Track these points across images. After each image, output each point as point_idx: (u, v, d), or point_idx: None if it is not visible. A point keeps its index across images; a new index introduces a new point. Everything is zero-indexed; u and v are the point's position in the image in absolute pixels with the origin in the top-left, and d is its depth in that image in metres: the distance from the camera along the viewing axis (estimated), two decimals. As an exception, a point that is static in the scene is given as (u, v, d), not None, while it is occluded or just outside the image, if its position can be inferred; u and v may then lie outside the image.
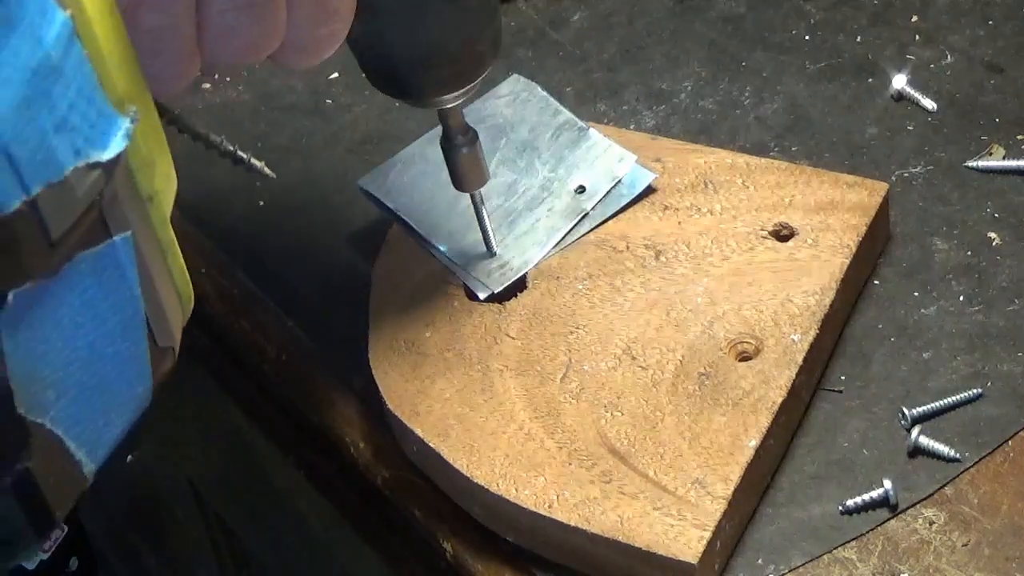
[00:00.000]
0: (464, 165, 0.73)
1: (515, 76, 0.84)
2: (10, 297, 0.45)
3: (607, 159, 0.79)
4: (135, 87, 0.50)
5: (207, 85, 0.92)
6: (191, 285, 0.55)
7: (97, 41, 0.47)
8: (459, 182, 0.74)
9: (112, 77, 0.48)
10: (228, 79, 0.92)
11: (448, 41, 0.67)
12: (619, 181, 0.78)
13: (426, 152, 0.81)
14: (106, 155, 0.47)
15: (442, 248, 0.77)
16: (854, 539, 0.68)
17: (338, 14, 0.60)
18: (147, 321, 0.51)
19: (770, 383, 0.71)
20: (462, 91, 0.70)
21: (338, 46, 0.62)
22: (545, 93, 0.83)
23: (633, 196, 0.78)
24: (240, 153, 0.71)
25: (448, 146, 0.73)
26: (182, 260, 0.54)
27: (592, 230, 0.78)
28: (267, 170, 0.71)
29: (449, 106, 0.71)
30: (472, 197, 0.75)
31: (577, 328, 0.74)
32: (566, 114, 0.81)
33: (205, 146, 0.70)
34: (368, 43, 0.65)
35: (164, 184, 0.53)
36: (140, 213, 0.50)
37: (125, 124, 0.48)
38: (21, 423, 0.47)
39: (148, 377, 0.52)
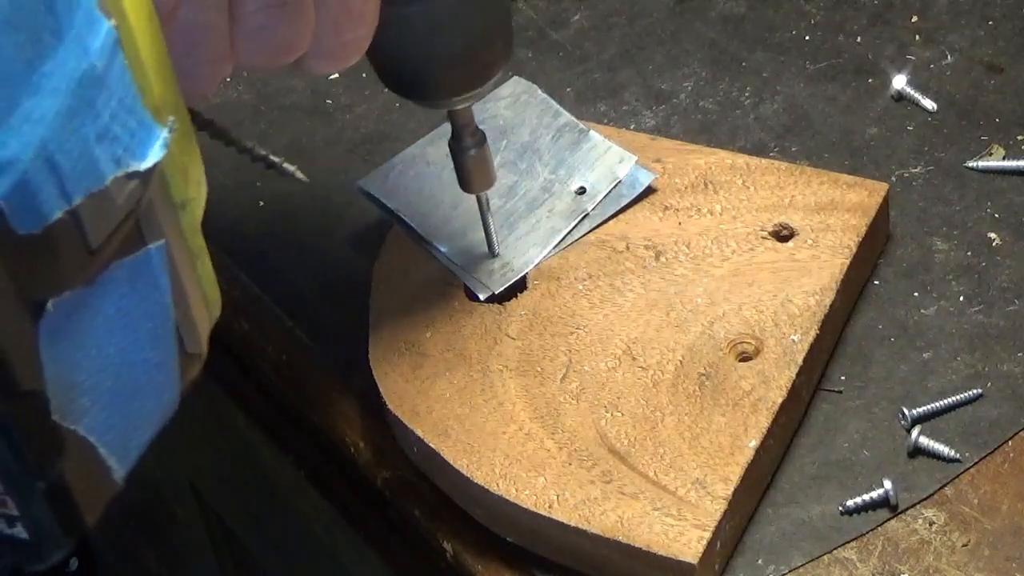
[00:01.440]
0: (472, 166, 0.73)
1: (515, 78, 0.84)
2: (50, 306, 0.45)
3: (607, 160, 0.79)
4: (171, 95, 0.50)
5: (207, 85, 0.92)
6: (219, 291, 0.56)
7: (137, 50, 0.48)
8: (466, 183, 0.74)
9: (151, 86, 0.48)
10: (228, 79, 0.92)
11: (462, 43, 0.68)
12: (619, 182, 0.79)
13: (427, 153, 0.81)
14: (144, 164, 0.47)
15: (443, 249, 0.77)
16: (854, 539, 0.69)
17: (363, 19, 0.60)
18: (176, 328, 0.51)
19: (770, 383, 0.71)
20: (474, 92, 0.70)
21: (363, 53, 0.62)
22: (545, 95, 0.83)
23: (633, 196, 0.78)
24: (272, 157, 0.72)
25: (456, 147, 0.73)
26: (211, 266, 0.55)
27: (592, 230, 0.78)
28: (299, 174, 0.71)
29: (459, 107, 0.71)
30: (478, 198, 0.75)
31: (577, 328, 0.74)
32: (566, 116, 0.81)
33: (237, 151, 0.70)
34: (382, 45, 0.66)
35: (196, 191, 0.53)
36: (172, 220, 0.51)
37: (163, 133, 0.48)
38: (56, 430, 0.47)
39: (176, 384, 0.52)
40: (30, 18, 0.43)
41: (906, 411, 0.72)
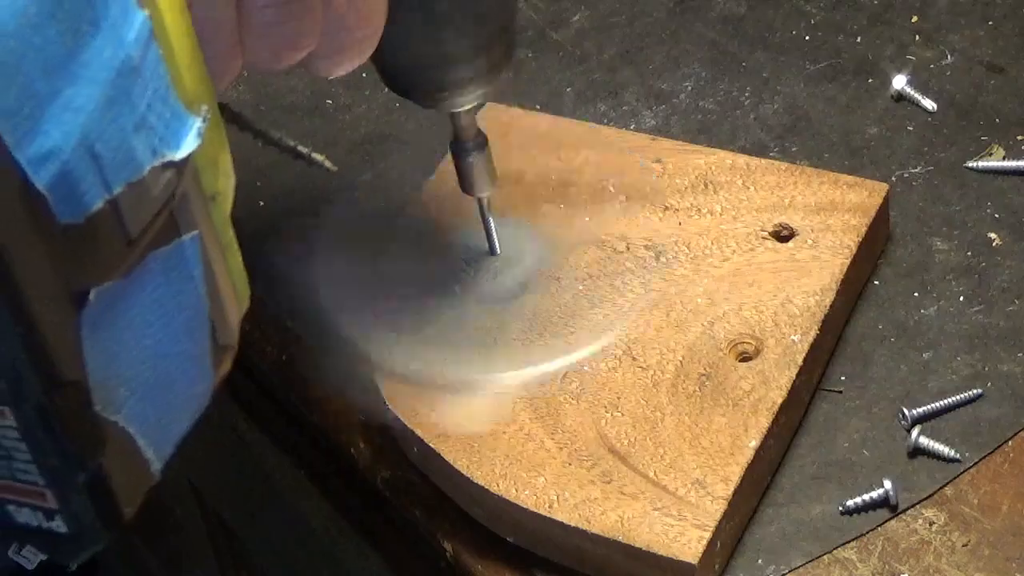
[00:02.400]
0: (474, 169, 0.73)
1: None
2: (91, 296, 0.46)
3: None
4: (203, 87, 0.51)
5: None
6: (248, 284, 0.56)
7: (170, 41, 0.48)
8: (468, 185, 0.74)
9: (183, 77, 0.49)
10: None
11: (467, 44, 0.67)
12: None
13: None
14: (179, 154, 0.48)
15: None
16: (854, 539, 0.69)
17: (371, 19, 0.61)
18: (210, 320, 0.51)
19: (770, 383, 0.71)
20: (478, 93, 0.70)
21: (370, 53, 0.62)
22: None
23: None
24: (301, 148, 0.72)
25: (459, 150, 0.73)
26: (240, 258, 0.55)
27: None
28: (328, 163, 0.71)
29: (463, 109, 0.71)
30: (479, 201, 0.75)
31: (577, 328, 0.74)
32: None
33: (264, 142, 0.70)
34: (387, 46, 0.66)
35: (225, 183, 0.53)
36: (204, 212, 0.51)
37: (197, 123, 0.49)
38: (97, 421, 0.47)
39: (210, 376, 0.52)
40: (69, 8, 0.44)
41: (906, 411, 0.72)
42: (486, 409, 0.71)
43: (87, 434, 0.47)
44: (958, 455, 0.70)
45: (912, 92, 0.85)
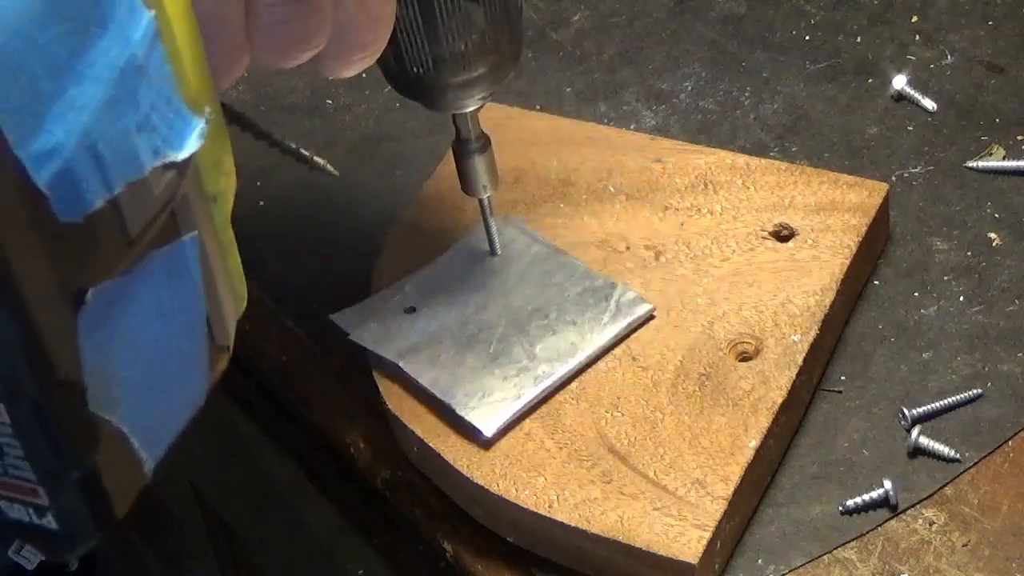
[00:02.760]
0: (477, 170, 0.73)
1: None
2: (89, 295, 0.46)
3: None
4: (206, 87, 0.51)
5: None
6: (246, 285, 0.56)
7: (175, 42, 0.48)
8: (470, 186, 0.74)
9: (187, 77, 0.49)
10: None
11: (473, 48, 0.67)
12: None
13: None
14: (182, 155, 0.48)
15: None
16: (854, 539, 0.69)
17: (380, 20, 0.61)
18: (207, 320, 0.52)
19: (770, 383, 0.71)
20: (483, 96, 0.70)
21: (379, 55, 0.62)
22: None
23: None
24: (303, 151, 0.71)
25: (461, 150, 0.73)
26: (239, 259, 0.55)
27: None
28: (330, 167, 0.71)
29: (467, 111, 0.71)
30: (480, 202, 0.75)
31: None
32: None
33: (268, 144, 0.70)
34: (393, 48, 0.66)
35: (227, 183, 0.53)
36: (205, 213, 0.51)
37: (200, 125, 0.49)
38: (91, 420, 0.47)
39: (206, 376, 0.52)
40: (75, 8, 0.44)
41: (906, 411, 0.72)
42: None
43: (81, 433, 0.47)
44: (958, 455, 0.70)
45: (912, 92, 0.85)
